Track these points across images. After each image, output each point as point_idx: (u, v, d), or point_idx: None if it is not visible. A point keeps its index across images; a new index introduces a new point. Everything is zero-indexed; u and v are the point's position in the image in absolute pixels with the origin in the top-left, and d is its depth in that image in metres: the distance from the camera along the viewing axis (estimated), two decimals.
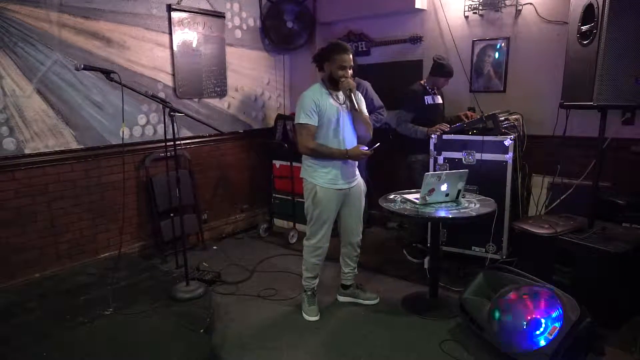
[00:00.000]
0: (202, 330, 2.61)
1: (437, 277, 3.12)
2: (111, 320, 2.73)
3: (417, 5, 4.18)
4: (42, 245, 3.38)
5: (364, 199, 3.05)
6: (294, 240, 4.30)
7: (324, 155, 2.81)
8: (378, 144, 2.88)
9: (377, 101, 4.14)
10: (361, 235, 3.11)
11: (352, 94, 2.76)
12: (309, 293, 3.04)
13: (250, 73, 4.78)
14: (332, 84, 2.79)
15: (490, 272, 2.76)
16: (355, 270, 3.19)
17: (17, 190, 3.22)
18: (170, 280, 3.24)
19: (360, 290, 3.21)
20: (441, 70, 3.74)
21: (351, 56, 2.75)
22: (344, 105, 2.83)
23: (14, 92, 3.16)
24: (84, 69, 2.70)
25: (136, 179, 3.91)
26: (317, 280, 3.07)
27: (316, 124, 2.77)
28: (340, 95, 2.83)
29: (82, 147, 3.53)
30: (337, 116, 2.79)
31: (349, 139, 2.86)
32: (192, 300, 2.95)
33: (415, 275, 3.54)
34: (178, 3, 4.02)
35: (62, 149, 3.43)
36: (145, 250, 4.00)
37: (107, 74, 2.78)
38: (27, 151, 3.25)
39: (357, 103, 2.78)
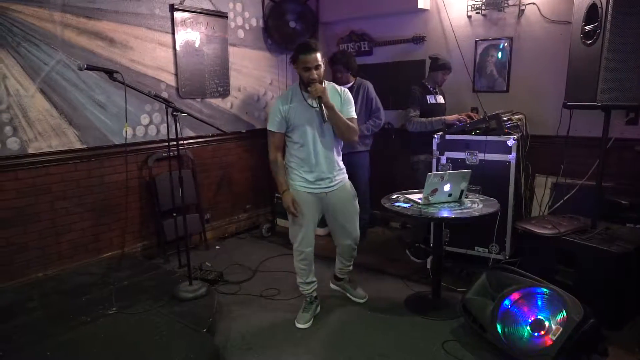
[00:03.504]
0: (204, 330, 2.61)
1: (439, 277, 3.11)
2: (114, 320, 2.73)
3: (420, 5, 4.17)
4: (44, 245, 3.39)
5: (353, 202, 2.93)
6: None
7: (274, 175, 2.84)
8: None
9: (377, 103, 4.11)
10: (356, 238, 3.01)
11: (322, 102, 2.58)
12: (306, 299, 3.00)
13: (253, 73, 4.78)
14: (306, 86, 2.64)
15: (493, 273, 2.75)
16: (349, 267, 3.18)
17: (19, 190, 3.23)
18: (173, 279, 3.25)
19: (351, 287, 3.22)
20: (436, 63, 3.76)
21: (318, 55, 2.56)
22: (317, 110, 2.66)
23: (17, 92, 3.16)
24: (87, 68, 2.71)
25: (139, 179, 3.91)
26: (311, 287, 2.99)
27: (282, 131, 2.73)
28: (311, 99, 2.65)
29: (85, 146, 3.54)
30: (312, 121, 2.68)
31: (326, 144, 2.74)
32: (195, 299, 2.95)
33: (418, 276, 3.54)
34: (181, 3, 4.03)
35: (66, 148, 3.43)
36: (148, 250, 4.00)
37: (110, 73, 2.78)
38: (30, 151, 3.26)
39: (327, 113, 2.60)
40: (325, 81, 2.73)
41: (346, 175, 2.92)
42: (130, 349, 2.45)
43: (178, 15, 4.01)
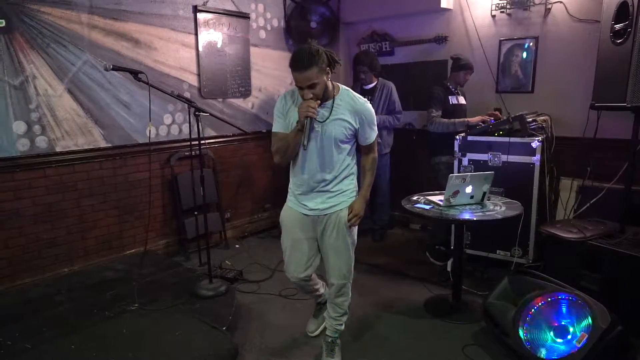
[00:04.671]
0: (224, 328, 2.64)
1: (460, 280, 3.07)
2: (136, 316, 2.78)
3: (443, 4, 4.12)
4: (71, 241, 3.48)
5: (346, 239, 2.33)
6: None
7: (284, 149, 2.25)
8: None
9: (399, 105, 4.15)
10: (344, 277, 2.40)
11: (307, 124, 2.09)
12: (316, 302, 2.84)
13: (274, 73, 4.81)
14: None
15: (515, 277, 2.70)
16: (338, 326, 2.52)
17: (48, 187, 3.32)
18: (194, 277, 3.29)
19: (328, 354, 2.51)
20: (458, 64, 3.73)
21: (311, 73, 2.02)
22: (322, 124, 2.19)
23: (46, 92, 3.25)
24: (113, 69, 2.77)
25: (161, 177, 3.98)
26: (314, 298, 2.77)
27: (283, 130, 2.26)
28: (322, 110, 2.19)
29: (110, 145, 3.62)
30: (309, 133, 2.17)
31: (324, 161, 2.24)
32: (215, 297, 2.98)
33: (438, 278, 3.50)
34: (204, 4, 4.08)
35: (91, 147, 3.52)
36: (169, 248, 4.07)
37: (135, 74, 2.83)
38: (58, 149, 3.34)
39: (309, 138, 2.12)
40: (342, 87, 2.26)
41: (347, 200, 2.34)
42: (152, 345, 2.49)
43: (201, 16, 4.06)
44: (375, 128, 2.31)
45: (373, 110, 2.28)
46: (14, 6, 3.04)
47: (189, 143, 3.51)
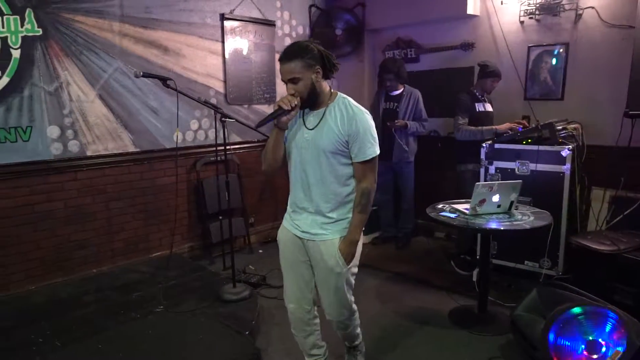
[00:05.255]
0: (247, 333, 2.65)
1: (486, 291, 3.01)
2: (161, 318, 2.83)
3: (469, 11, 4.08)
4: (100, 243, 3.56)
5: (336, 279, 2.02)
6: None
7: (264, 152, 2.05)
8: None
9: (425, 114, 4.16)
10: (337, 321, 2.15)
11: (277, 114, 1.88)
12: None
13: None
14: (303, 102, 1.94)
15: (545, 289, 2.63)
16: (354, 342, 2.35)
17: (79, 189, 3.42)
18: (218, 281, 3.32)
19: None
20: (485, 71, 3.68)
21: (294, 65, 1.86)
22: (311, 132, 1.96)
23: (79, 98, 3.36)
24: (143, 76, 2.84)
25: (187, 182, 4.04)
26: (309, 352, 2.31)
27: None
28: (312, 116, 1.99)
29: (138, 150, 3.70)
30: (298, 143, 2.00)
31: (311, 174, 1.99)
32: (239, 302, 3.00)
33: (463, 288, 3.43)
34: (231, 12, 4.15)
35: (121, 151, 3.60)
36: (194, 251, 4.12)
37: (164, 80, 2.90)
38: (88, 153, 3.44)
39: (266, 121, 1.93)
40: (340, 95, 2.01)
41: (340, 231, 2.02)
42: (176, 347, 2.52)
43: (228, 24, 4.13)
44: (371, 145, 1.93)
45: (370, 123, 1.95)
46: (50, 15, 3.16)
47: (214, 148, 3.55)
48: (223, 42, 4.13)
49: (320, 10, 4.83)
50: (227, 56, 4.17)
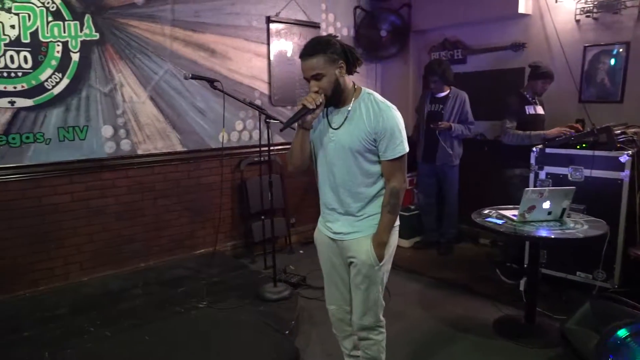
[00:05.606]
0: (287, 332, 2.67)
1: (534, 301, 2.88)
2: (204, 313, 2.90)
3: (521, 10, 3.93)
4: (147, 238, 3.70)
5: (365, 278, 1.95)
6: None
7: (289, 152, 2.00)
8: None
9: (471, 117, 4.05)
10: (359, 325, 2.04)
11: (302, 114, 1.82)
12: None
13: None
14: (328, 100, 1.86)
15: (599, 302, 2.49)
16: None
17: (129, 187, 3.57)
18: (259, 280, 3.37)
19: None
20: (536, 72, 3.53)
21: (316, 61, 1.79)
22: (336, 131, 1.89)
23: (131, 99, 3.50)
24: (192, 78, 2.93)
25: (231, 182, 4.13)
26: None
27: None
28: (337, 115, 1.92)
29: (185, 149, 3.82)
30: (324, 143, 1.94)
31: (337, 174, 1.92)
32: (279, 301, 3.03)
33: (508, 297, 3.30)
34: (276, 15, 4.20)
35: (169, 150, 3.73)
36: (236, 250, 4.20)
37: (211, 82, 2.98)
38: (139, 152, 3.58)
39: (291, 123, 1.88)
40: (365, 90, 1.93)
41: (373, 226, 1.94)
42: (217, 343, 2.58)
43: (273, 26, 4.19)
44: (400, 142, 1.84)
45: (398, 119, 1.86)
46: (107, 20, 3.32)
47: (258, 149, 3.61)
48: (268, 44, 4.19)
49: (365, 11, 4.81)
50: (272, 58, 4.23)
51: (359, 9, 4.82)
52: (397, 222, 1.98)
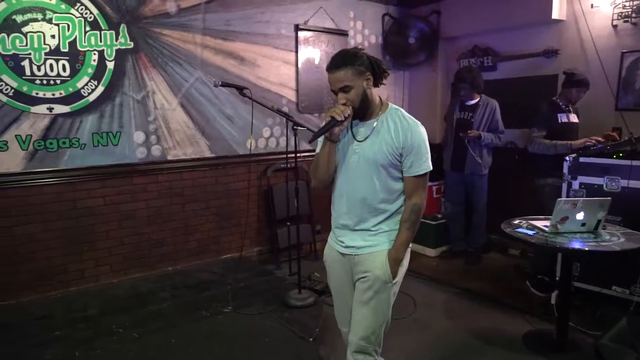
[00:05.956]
0: (311, 339, 2.67)
1: (566, 315, 2.78)
2: (229, 318, 2.93)
3: (554, 15, 3.84)
4: (176, 242, 3.77)
5: (376, 285, 1.83)
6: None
7: (314, 167, 1.96)
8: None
9: (502, 125, 3.97)
10: (366, 348, 1.86)
11: (330, 125, 1.78)
12: None
13: None
14: (355, 112, 1.83)
15: (636, 318, 2.38)
16: None
17: (159, 191, 3.65)
18: (284, 286, 3.39)
19: None
20: (571, 79, 3.42)
21: (343, 73, 1.77)
22: (361, 144, 1.85)
23: (162, 106, 3.59)
24: (222, 85, 2.99)
25: (258, 188, 4.17)
26: None
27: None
28: (362, 128, 1.88)
29: (213, 155, 3.88)
30: (346, 155, 1.88)
31: (357, 188, 1.85)
32: (304, 308, 3.04)
33: (539, 311, 3.20)
34: (305, 23, 4.24)
35: (198, 156, 3.80)
36: (262, 255, 4.23)
37: (240, 90, 3.03)
38: (169, 157, 3.67)
39: (319, 135, 1.86)
40: (392, 105, 1.91)
41: (388, 242, 1.87)
42: (242, 347, 2.60)
43: (302, 34, 4.23)
44: (426, 159, 1.82)
45: (425, 136, 1.84)
46: (141, 30, 3.42)
47: (285, 156, 3.64)
48: (296, 52, 4.23)
49: (393, 19, 4.80)
50: (299, 66, 4.26)
51: (388, 16, 4.81)
52: (410, 245, 1.91)
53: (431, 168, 1.84)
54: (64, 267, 3.29)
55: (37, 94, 3.08)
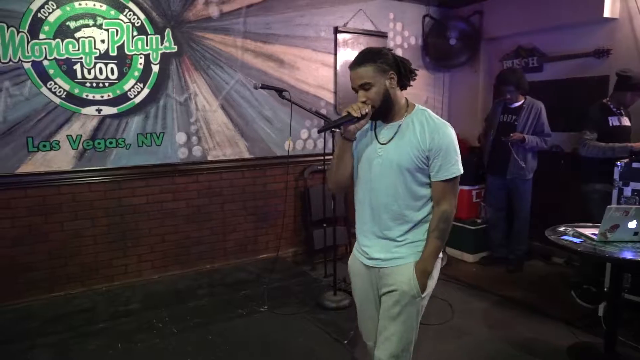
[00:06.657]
0: (345, 342, 2.65)
1: (615, 328, 2.63)
2: (264, 317, 2.96)
3: (606, 14, 3.66)
4: (214, 241, 3.85)
5: (403, 300, 1.71)
6: (443, 263, 4.09)
7: (331, 168, 1.87)
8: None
9: (548, 128, 3.80)
10: (386, 356, 1.74)
11: (345, 120, 1.67)
12: None
13: (409, 90, 4.71)
14: (376, 112, 1.73)
15: None
16: None
17: (199, 191, 3.74)
18: (319, 287, 3.39)
19: None
20: (626, 82, 3.22)
21: (364, 70, 1.68)
22: (385, 146, 1.74)
23: (204, 108, 3.69)
24: (262, 87, 3.03)
25: (295, 189, 4.20)
26: None
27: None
28: (386, 129, 1.77)
29: (252, 156, 3.94)
30: (369, 158, 1.78)
31: (381, 194, 1.74)
32: (338, 310, 3.03)
33: (584, 322, 3.05)
34: (344, 25, 4.24)
35: (237, 157, 3.87)
36: (297, 256, 4.26)
37: (279, 92, 3.06)
38: (209, 158, 3.75)
39: (333, 128, 1.78)
40: (418, 106, 1.79)
41: (416, 254, 1.74)
42: (277, 347, 2.62)
43: (341, 36, 4.23)
44: (455, 162, 1.69)
45: (454, 138, 1.72)
46: (185, 34, 3.53)
47: (322, 158, 3.65)
48: (335, 54, 4.24)
49: (434, 20, 4.72)
50: (338, 68, 4.27)
51: (428, 17, 4.74)
52: (440, 255, 1.79)
53: (461, 171, 1.72)
54: (109, 262, 3.43)
55: (87, 96, 3.23)
